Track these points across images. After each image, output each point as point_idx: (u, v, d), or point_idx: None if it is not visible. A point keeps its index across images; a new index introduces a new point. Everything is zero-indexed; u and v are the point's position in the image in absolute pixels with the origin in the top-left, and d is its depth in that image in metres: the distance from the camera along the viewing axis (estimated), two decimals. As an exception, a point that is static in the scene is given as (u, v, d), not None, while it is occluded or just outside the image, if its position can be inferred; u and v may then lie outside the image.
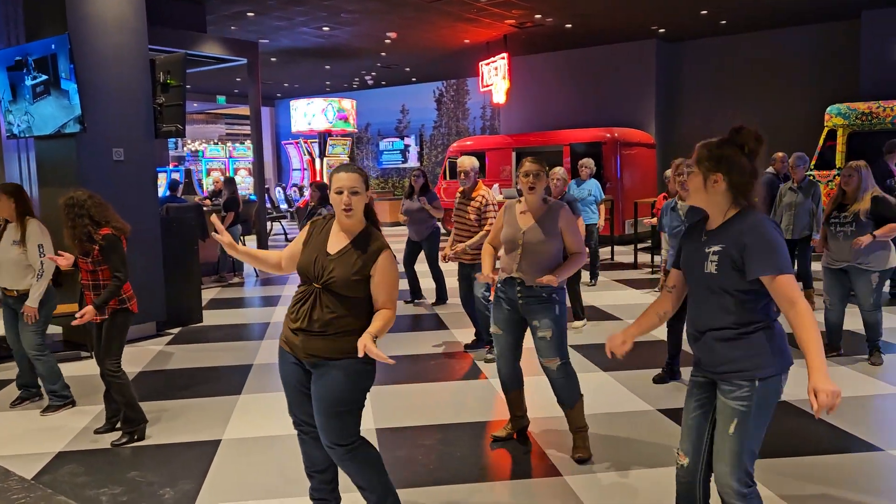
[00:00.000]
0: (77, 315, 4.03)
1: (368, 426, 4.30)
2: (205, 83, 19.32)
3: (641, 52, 15.73)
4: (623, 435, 4.12)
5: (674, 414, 4.39)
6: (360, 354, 2.52)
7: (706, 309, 2.39)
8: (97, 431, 4.31)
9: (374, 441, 4.06)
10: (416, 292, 8.26)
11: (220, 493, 3.47)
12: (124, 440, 4.14)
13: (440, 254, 6.18)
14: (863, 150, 11.33)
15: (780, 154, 8.22)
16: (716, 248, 2.34)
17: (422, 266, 8.01)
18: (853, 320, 5.87)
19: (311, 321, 2.70)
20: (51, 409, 4.73)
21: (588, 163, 8.69)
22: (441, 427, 4.31)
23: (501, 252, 3.90)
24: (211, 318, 7.72)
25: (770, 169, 8.07)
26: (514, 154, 15.12)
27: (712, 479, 2.49)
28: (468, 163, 5.66)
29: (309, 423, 2.86)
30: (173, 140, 21.41)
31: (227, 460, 3.88)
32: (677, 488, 2.58)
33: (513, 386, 3.99)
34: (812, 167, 11.55)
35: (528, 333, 3.87)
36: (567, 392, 3.78)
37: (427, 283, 8.23)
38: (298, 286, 2.83)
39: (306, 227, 2.92)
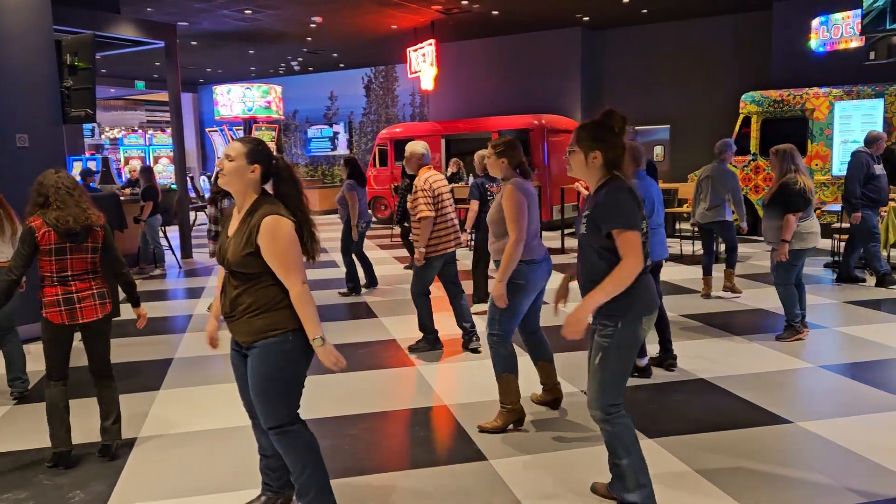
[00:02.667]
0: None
1: (293, 418, 4.21)
2: (122, 68, 18.52)
3: (567, 39, 15.95)
4: (551, 417, 4.16)
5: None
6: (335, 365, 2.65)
7: (584, 263, 2.82)
8: (51, 465, 3.64)
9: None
10: (354, 280, 7.98)
11: (134, 494, 3.32)
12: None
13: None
14: (775, 136, 11.84)
15: (875, 133, 7.71)
16: (586, 212, 2.75)
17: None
18: (773, 300, 6.14)
19: (227, 305, 2.69)
20: None
21: None
22: (367, 416, 4.26)
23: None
24: (130, 311, 7.36)
25: (865, 148, 7.62)
26: (443, 141, 15.11)
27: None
28: (409, 148, 5.42)
29: (251, 408, 2.87)
30: (89, 127, 20.49)
31: (143, 459, 3.72)
32: (629, 438, 2.89)
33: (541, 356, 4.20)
34: (729, 153, 11.98)
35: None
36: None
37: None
38: None
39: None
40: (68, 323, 3.57)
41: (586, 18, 14.92)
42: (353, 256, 8.00)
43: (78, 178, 10.47)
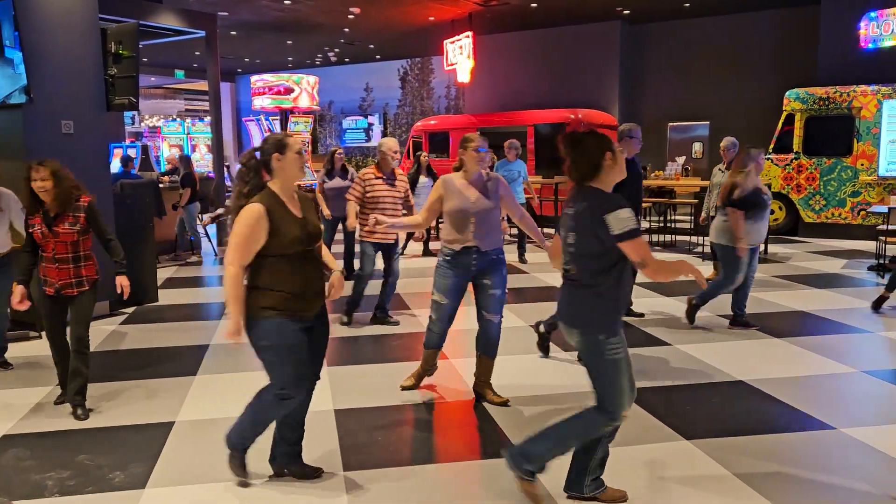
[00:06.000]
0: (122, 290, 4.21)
1: (326, 407, 4.24)
2: (162, 57, 18.79)
3: (606, 33, 15.75)
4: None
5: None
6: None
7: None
8: (58, 402, 4.32)
9: (331, 423, 4.01)
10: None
11: (173, 476, 3.38)
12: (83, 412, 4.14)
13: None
14: (820, 135, 11.56)
15: None
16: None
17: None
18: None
19: (321, 282, 3.14)
20: None
21: (515, 144, 8.87)
22: (401, 407, 4.26)
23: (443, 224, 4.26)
24: (167, 297, 7.54)
25: None
26: (478, 134, 15.05)
27: None
28: (396, 144, 6.00)
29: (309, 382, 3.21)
30: (129, 114, 20.81)
31: (181, 442, 3.78)
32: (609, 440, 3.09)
33: (438, 346, 4.38)
34: (771, 150, 11.74)
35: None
36: (497, 345, 4.25)
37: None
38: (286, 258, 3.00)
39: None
40: None
41: (626, 12, 14.71)
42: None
43: (119, 166, 10.70)
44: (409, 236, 10.22)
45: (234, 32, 16.32)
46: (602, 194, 2.81)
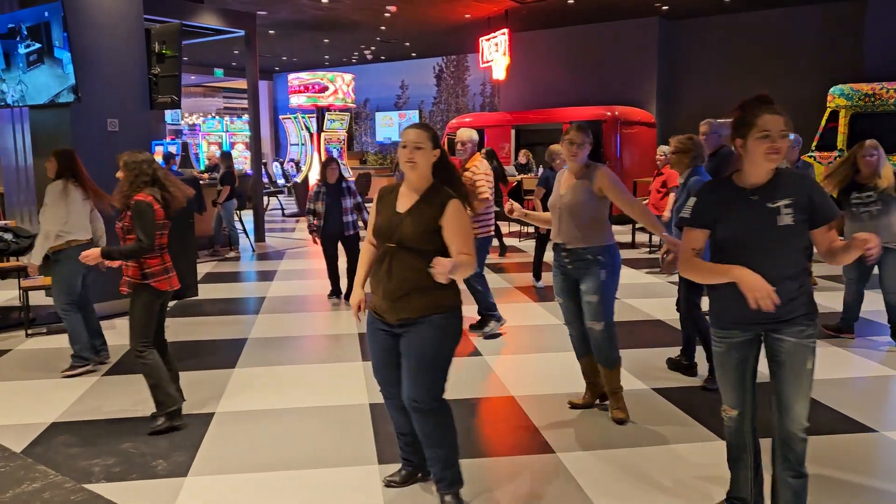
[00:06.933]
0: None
1: (362, 401, 4.29)
2: (202, 55, 19.12)
3: (644, 29, 15.56)
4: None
5: (668, 393, 4.38)
6: (437, 272, 2.56)
7: (780, 260, 2.48)
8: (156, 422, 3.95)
9: (367, 416, 4.06)
10: None
11: (213, 466, 3.46)
12: (159, 424, 3.86)
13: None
14: (865, 132, 11.25)
15: None
16: (786, 202, 2.47)
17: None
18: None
19: (392, 282, 2.78)
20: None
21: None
22: (436, 403, 4.29)
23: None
24: (206, 291, 7.69)
25: None
26: (513, 131, 15.02)
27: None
28: (466, 135, 5.66)
29: (390, 387, 2.96)
30: (172, 113, 21.25)
31: (220, 433, 3.87)
32: (728, 439, 2.73)
33: (583, 351, 4.01)
34: (813, 148, 11.49)
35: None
36: (606, 353, 3.85)
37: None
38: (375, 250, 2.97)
39: (375, 198, 2.98)
40: (168, 290, 3.94)
41: (665, 7, 14.52)
42: None
43: (161, 162, 10.92)
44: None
45: (272, 31, 16.52)
46: None
